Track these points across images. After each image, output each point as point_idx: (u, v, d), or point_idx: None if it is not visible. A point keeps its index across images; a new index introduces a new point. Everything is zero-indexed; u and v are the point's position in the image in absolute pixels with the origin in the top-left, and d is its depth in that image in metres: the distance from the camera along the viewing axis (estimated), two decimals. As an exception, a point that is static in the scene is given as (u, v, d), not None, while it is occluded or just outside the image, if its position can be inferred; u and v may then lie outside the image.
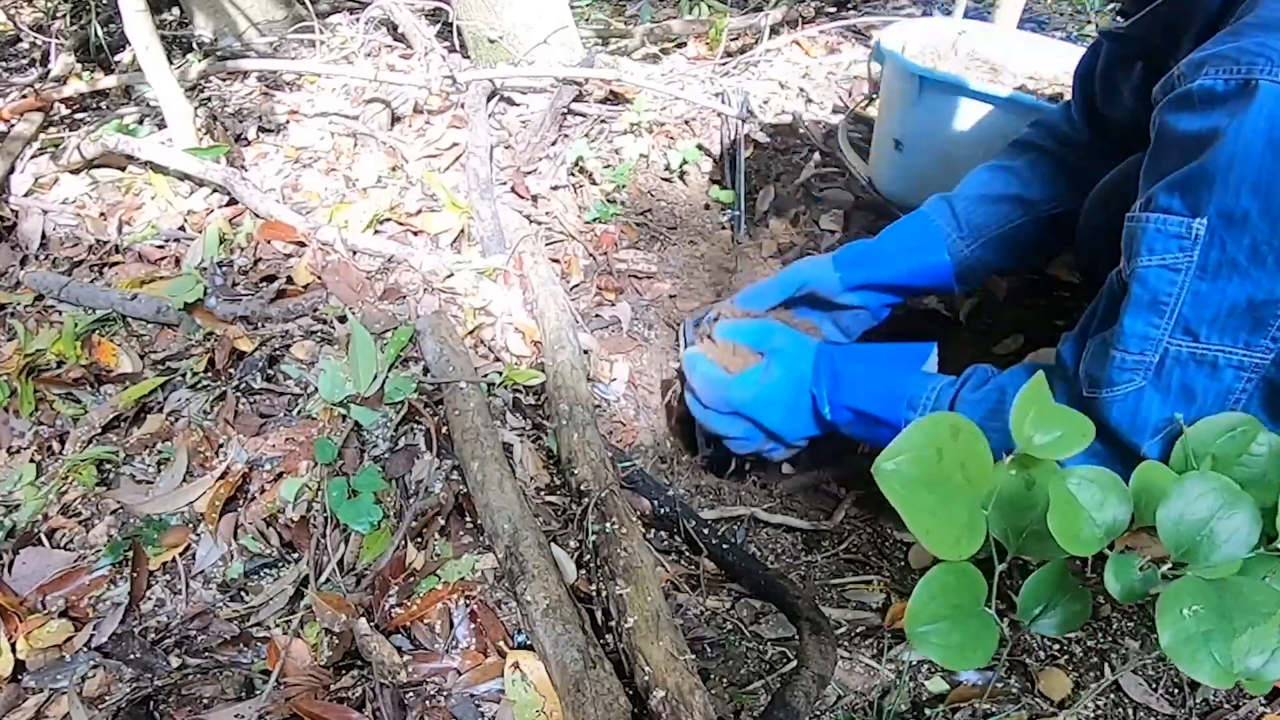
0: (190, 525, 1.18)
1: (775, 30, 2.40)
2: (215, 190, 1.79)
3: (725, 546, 1.22)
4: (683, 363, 1.27)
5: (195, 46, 2.45)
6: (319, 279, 1.54)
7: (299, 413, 1.31)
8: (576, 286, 1.63)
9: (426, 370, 1.35)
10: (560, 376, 1.31)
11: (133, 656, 1.03)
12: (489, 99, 2.04)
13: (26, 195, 1.82)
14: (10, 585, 1.11)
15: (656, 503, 1.26)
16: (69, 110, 2.13)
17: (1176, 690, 1.01)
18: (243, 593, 1.12)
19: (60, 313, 1.51)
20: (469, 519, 1.18)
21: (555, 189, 1.81)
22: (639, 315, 1.61)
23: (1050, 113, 1.33)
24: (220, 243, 1.63)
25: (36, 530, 1.17)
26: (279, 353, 1.40)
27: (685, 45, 2.42)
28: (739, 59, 2.26)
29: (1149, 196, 0.85)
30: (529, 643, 1.01)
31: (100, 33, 2.32)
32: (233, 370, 1.37)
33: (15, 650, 1.03)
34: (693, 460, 1.44)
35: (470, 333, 1.45)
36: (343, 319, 1.44)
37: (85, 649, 1.05)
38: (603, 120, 1.99)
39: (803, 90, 2.17)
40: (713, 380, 1.21)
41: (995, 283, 1.64)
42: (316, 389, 1.31)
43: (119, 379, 1.38)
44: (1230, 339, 0.82)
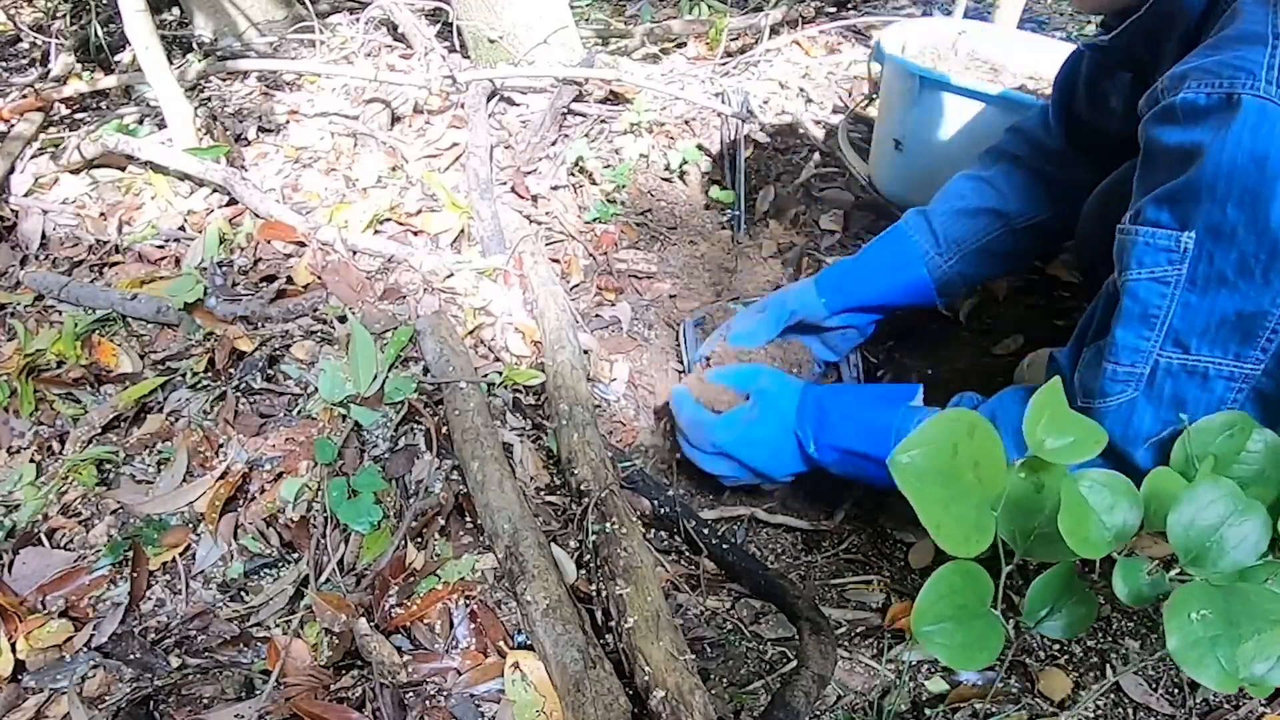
0: (190, 525, 1.18)
1: (775, 30, 2.40)
2: (215, 190, 1.79)
3: (725, 546, 1.22)
4: (670, 400, 1.31)
5: (195, 46, 2.45)
6: (319, 279, 1.54)
7: (299, 413, 1.31)
8: (576, 286, 1.63)
9: (426, 370, 1.35)
10: (560, 376, 1.31)
11: (133, 656, 1.03)
12: (489, 99, 2.04)
13: (26, 195, 1.82)
14: (10, 585, 1.11)
15: (656, 503, 1.26)
16: (69, 110, 2.13)
17: (1176, 690, 1.01)
18: (243, 593, 1.12)
19: (60, 313, 1.51)
20: (469, 519, 1.18)
21: (555, 189, 1.81)
22: (639, 315, 1.61)
23: (1027, 118, 1.33)
24: (220, 243, 1.63)
25: (36, 530, 1.17)
26: (279, 353, 1.40)
27: (685, 45, 2.42)
28: (739, 59, 2.26)
29: (1138, 209, 0.86)
30: (529, 643, 1.01)
31: (100, 33, 2.32)
32: (233, 370, 1.37)
33: (15, 650, 1.03)
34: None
35: (470, 333, 1.45)
36: (343, 319, 1.44)
37: (85, 649, 1.05)
38: (603, 120, 1.99)
39: (803, 90, 2.17)
40: (697, 422, 1.25)
41: (995, 282, 1.64)
42: (316, 389, 1.31)
43: (119, 379, 1.38)
44: (1220, 350, 0.83)
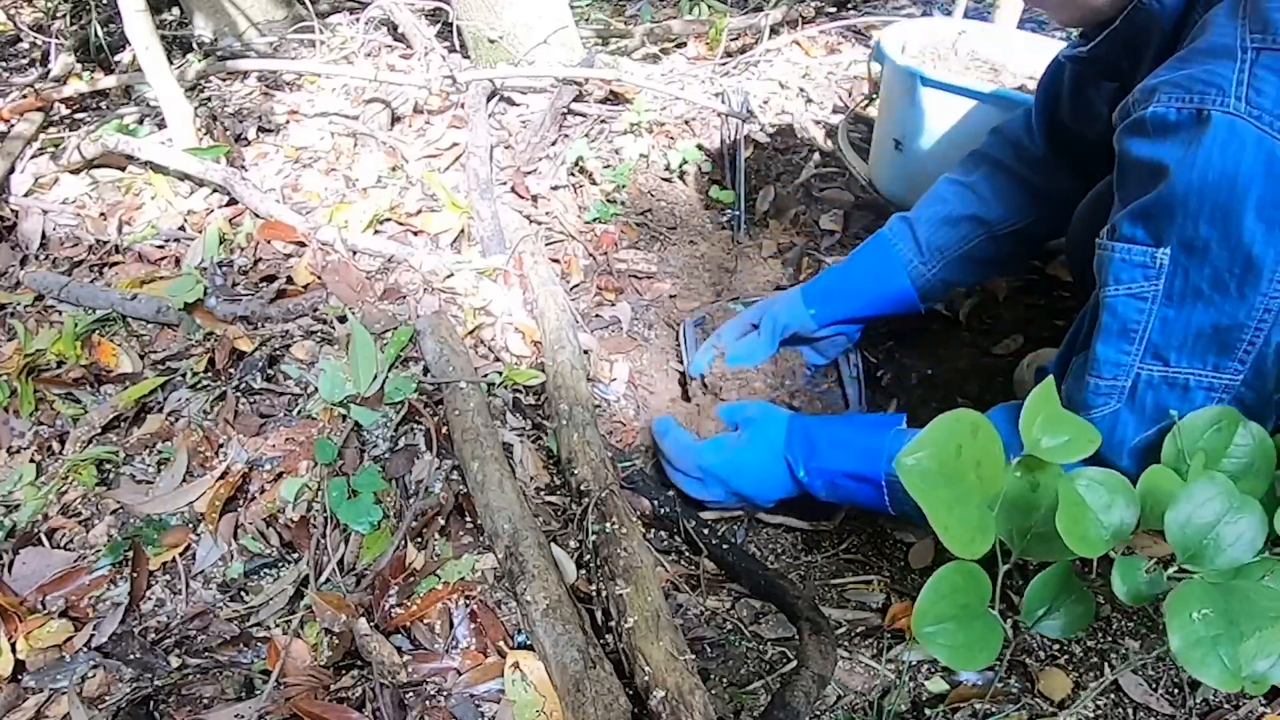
0: (190, 525, 1.18)
1: (775, 30, 2.40)
2: (215, 190, 1.79)
3: (725, 546, 1.22)
4: (652, 429, 1.33)
5: (195, 46, 2.45)
6: (319, 279, 1.54)
7: (299, 413, 1.31)
8: (576, 286, 1.63)
9: (426, 370, 1.35)
10: (560, 376, 1.31)
11: (133, 656, 1.03)
12: (489, 99, 2.04)
13: (26, 195, 1.82)
14: (10, 585, 1.11)
15: (656, 503, 1.26)
16: (69, 110, 2.14)
17: (1176, 690, 1.00)
18: (243, 593, 1.12)
19: (60, 313, 1.51)
20: (469, 519, 1.18)
21: (555, 189, 1.81)
22: (639, 315, 1.61)
23: (1010, 121, 1.33)
24: (220, 243, 1.63)
25: (36, 530, 1.17)
26: (279, 353, 1.40)
27: (685, 45, 2.42)
28: (739, 59, 2.26)
29: (1113, 225, 0.86)
30: (529, 643, 1.01)
31: (100, 33, 2.32)
32: (233, 370, 1.37)
33: (15, 650, 1.03)
34: None
35: (470, 333, 1.45)
36: (343, 319, 1.44)
37: (85, 649, 1.05)
38: (603, 120, 1.99)
39: (803, 90, 2.17)
40: (683, 445, 1.26)
41: (995, 283, 1.64)
42: (316, 389, 1.31)
43: (119, 379, 1.38)
44: (1199, 362, 0.85)
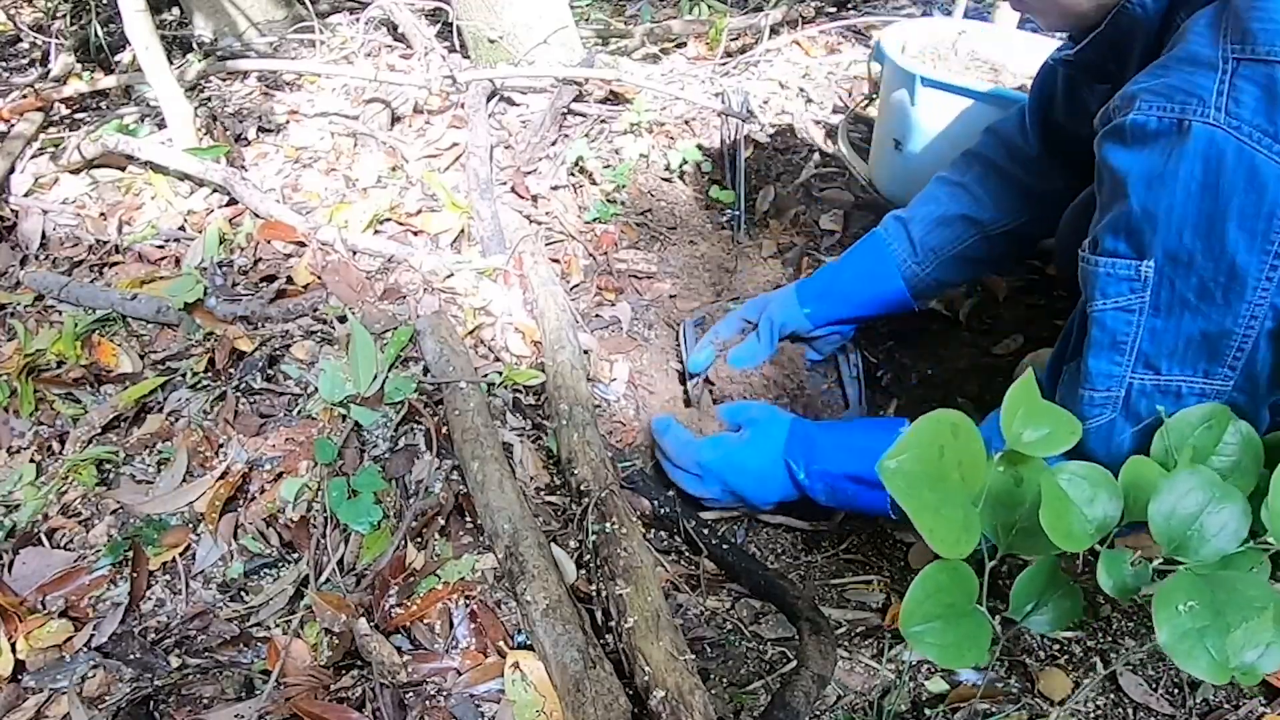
0: (190, 525, 1.18)
1: (775, 30, 2.40)
2: (215, 190, 1.79)
3: (725, 546, 1.22)
4: (652, 427, 1.33)
5: (195, 46, 2.45)
6: (319, 279, 1.54)
7: (299, 413, 1.31)
8: (576, 286, 1.63)
9: (426, 370, 1.35)
10: (560, 376, 1.31)
11: (133, 656, 1.03)
12: (489, 99, 2.04)
13: (26, 195, 1.82)
14: (10, 585, 1.11)
15: (656, 503, 1.26)
16: (69, 110, 2.13)
17: (1176, 690, 1.01)
18: (243, 593, 1.12)
19: (60, 313, 1.51)
20: (469, 519, 1.18)
21: (555, 189, 1.81)
22: (639, 315, 1.61)
23: (1004, 120, 1.34)
24: (220, 243, 1.63)
25: (36, 530, 1.17)
26: (279, 353, 1.40)
27: (685, 45, 2.42)
28: (739, 59, 2.26)
29: (1095, 238, 0.87)
30: (529, 643, 1.01)
31: (100, 33, 2.32)
32: (233, 370, 1.37)
33: (15, 650, 1.03)
34: None
35: (470, 333, 1.45)
36: (343, 319, 1.44)
37: (85, 649, 1.05)
38: (603, 120, 1.99)
39: (803, 90, 2.17)
40: (683, 441, 1.26)
41: (995, 283, 1.64)
42: (316, 389, 1.31)
43: (119, 379, 1.38)
44: (1190, 369, 0.86)
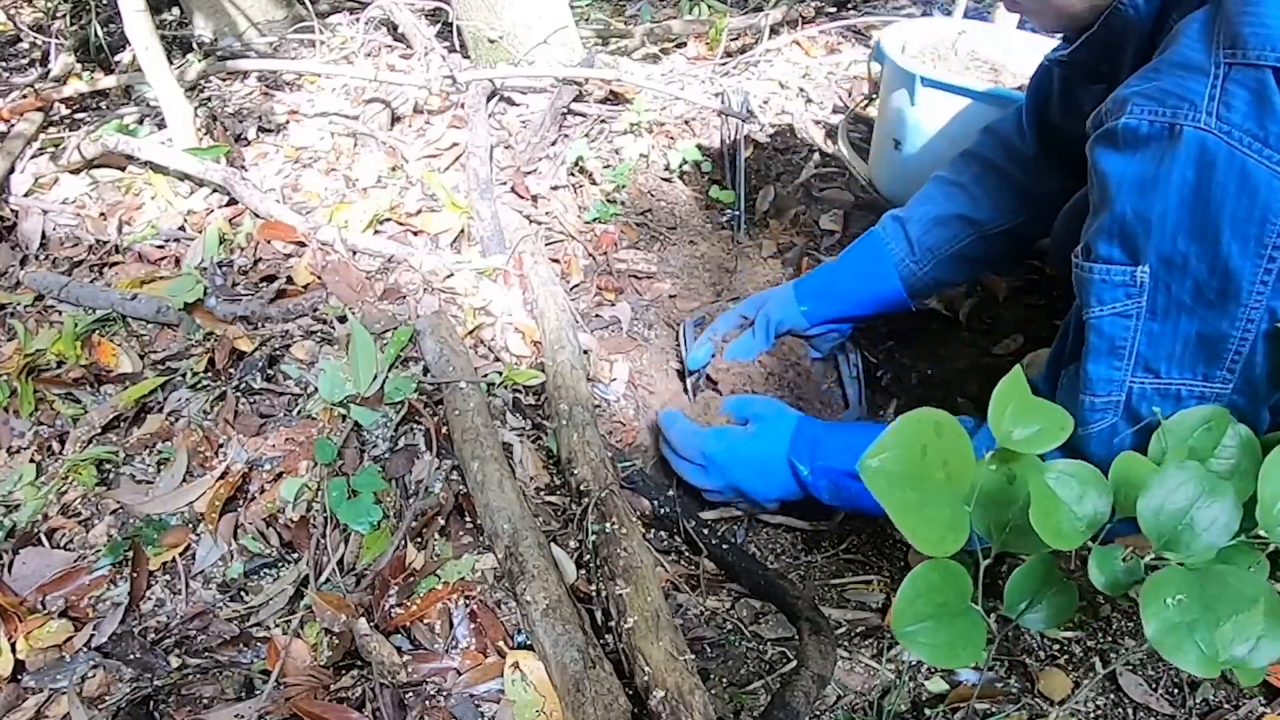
0: (190, 525, 1.18)
1: (775, 30, 2.40)
2: (215, 190, 1.79)
3: (725, 546, 1.22)
4: (659, 418, 1.33)
5: (195, 46, 2.45)
6: (319, 279, 1.54)
7: (299, 413, 1.31)
8: (576, 286, 1.63)
9: (426, 370, 1.35)
10: (560, 376, 1.31)
11: (133, 656, 1.03)
12: (489, 99, 2.04)
13: (26, 195, 1.82)
14: (10, 585, 1.11)
15: (656, 503, 1.26)
16: (69, 110, 2.13)
17: (1176, 690, 1.01)
18: (243, 593, 1.12)
19: (60, 313, 1.51)
20: (469, 519, 1.18)
21: (555, 189, 1.81)
22: (639, 315, 1.61)
23: (1002, 119, 1.34)
24: (220, 243, 1.63)
25: (36, 530, 1.17)
26: (279, 353, 1.40)
27: (685, 45, 2.42)
28: (739, 59, 2.26)
29: (1088, 245, 0.87)
30: (529, 643, 1.01)
31: (100, 33, 2.32)
32: (233, 370, 1.37)
33: (15, 650, 1.03)
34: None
35: (470, 333, 1.45)
36: (343, 319, 1.44)
37: (85, 649, 1.05)
38: (603, 120, 1.99)
39: (803, 90, 2.17)
40: (689, 432, 1.27)
41: (995, 283, 1.64)
42: (316, 389, 1.31)
43: (119, 379, 1.38)
44: (1189, 372, 0.86)
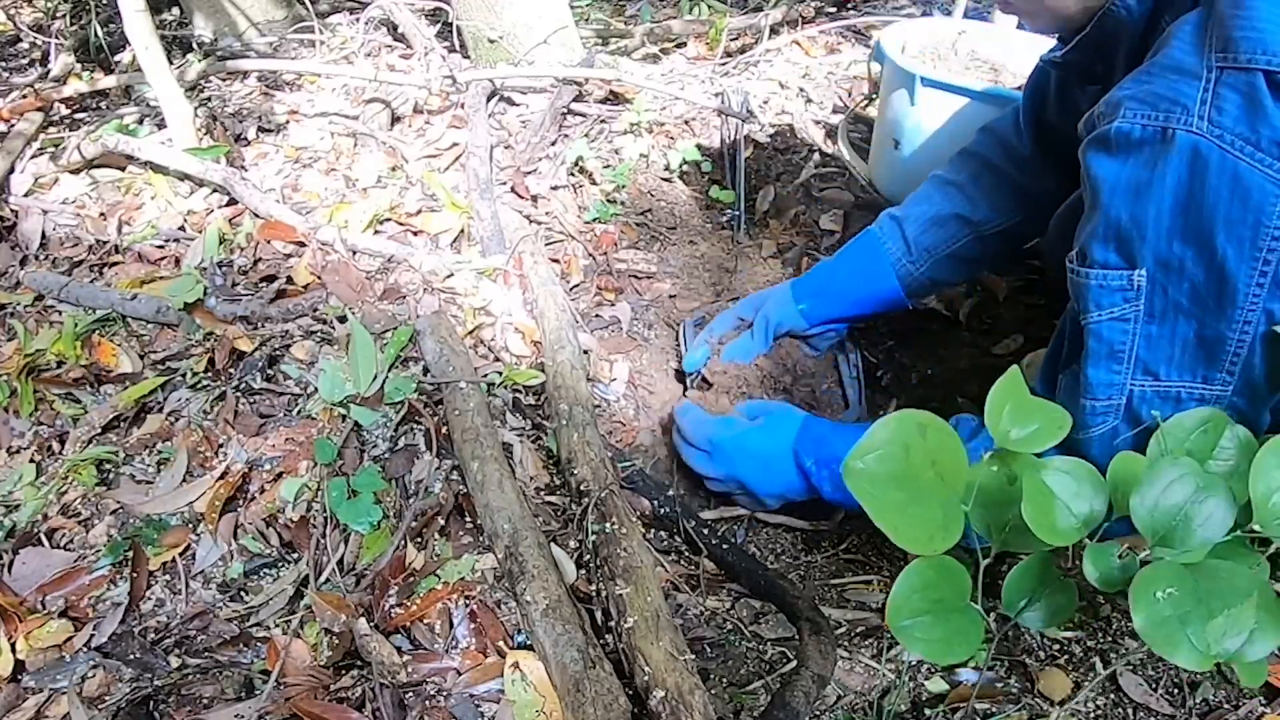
0: (190, 525, 1.18)
1: (775, 30, 2.40)
2: (215, 190, 1.79)
3: (725, 546, 1.22)
4: (674, 411, 1.35)
5: (195, 46, 2.45)
6: (319, 279, 1.54)
7: (299, 413, 1.31)
8: (576, 286, 1.63)
9: (426, 370, 1.35)
10: (560, 376, 1.31)
11: (133, 656, 1.03)
12: (489, 99, 2.04)
13: (26, 195, 1.82)
14: (10, 585, 1.11)
15: (656, 503, 1.26)
16: (69, 110, 2.13)
17: (1176, 690, 1.01)
18: (243, 593, 1.12)
19: (60, 313, 1.51)
20: (469, 519, 1.18)
21: (555, 189, 1.81)
22: (639, 315, 1.61)
23: (999, 119, 1.34)
24: (220, 243, 1.63)
25: (36, 530, 1.17)
26: (279, 353, 1.40)
27: (685, 45, 2.42)
28: (739, 59, 2.26)
29: (1083, 250, 0.87)
30: (529, 643, 1.01)
31: (100, 33, 2.32)
32: (233, 370, 1.37)
33: (15, 650, 1.03)
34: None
35: (470, 333, 1.45)
36: (343, 319, 1.44)
37: (85, 649, 1.05)
38: (603, 120, 1.99)
39: (803, 90, 2.17)
40: (699, 420, 1.29)
41: (995, 282, 1.64)
42: (316, 389, 1.31)
43: (119, 379, 1.38)
44: (1189, 375, 0.86)
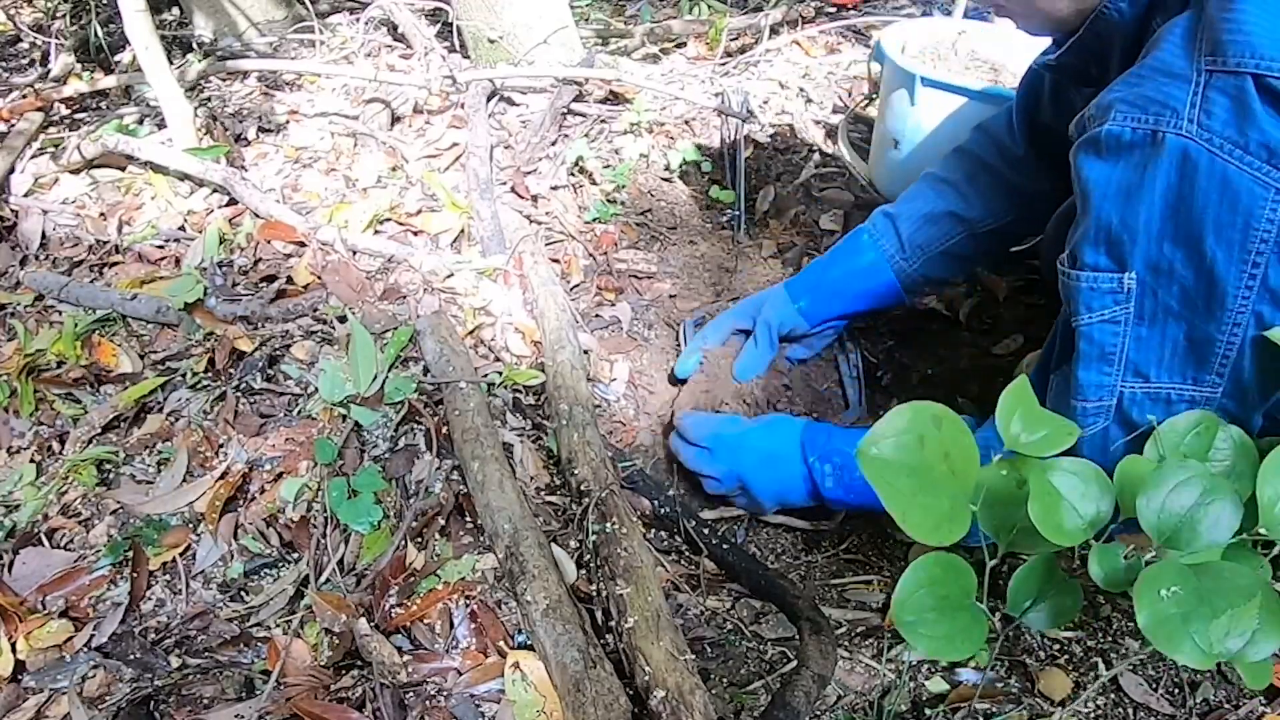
0: (190, 525, 1.18)
1: (775, 30, 2.40)
2: (215, 190, 1.79)
3: (725, 546, 1.22)
4: (675, 415, 1.35)
5: (195, 46, 2.45)
6: (319, 279, 1.54)
7: (299, 413, 1.31)
8: (576, 286, 1.63)
9: (426, 370, 1.35)
10: (560, 376, 1.31)
11: (133, 656, 1.03)
12: (489, 99, 2.04)
13: (26, 195, 1.82)
14: (10, 585, 1.11)
15: (656, 503, 1.26)
16: (69, 110, 2.13)
17: (1176, 690, 1.01)
18: (243, 593, 1.12)
19: (60, 313, 1.51)
20: (469, 519, 1.18)
21: (555, 189, 1.81)
22: (639, 315, 1.61)
23: (994, 118, 1.34)
24: (220, 243, 1.63)
25: (36, 530, 1.17)
26: (279, 353, 1.40)
27: (685, 45, 2.42)
28: (739, 59, 2.26)
29: (1073, 253, 0.87)
30: (529, 643, 1.01)
31: (100, 33, 2.32)
32: (233, 370, 1.37)
33: (15, 650, 1.03)
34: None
35: (470, 333, 1.45)
36: (343, 319, 1.44)
37: (85, 649, 1.05)
38: (603, 120, 1.99)
39: (803, 90, 2.17)
40: (700, 419, 1.29)
41: (995, 282, 1.64)
42: (316, 389, 1.31)
43: (119, 379, 1.38)
44: (1179, 377, 0.86)
